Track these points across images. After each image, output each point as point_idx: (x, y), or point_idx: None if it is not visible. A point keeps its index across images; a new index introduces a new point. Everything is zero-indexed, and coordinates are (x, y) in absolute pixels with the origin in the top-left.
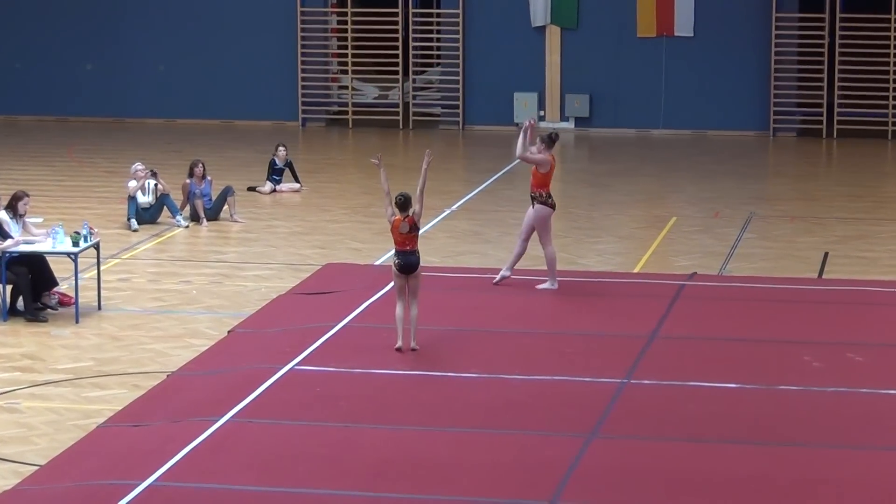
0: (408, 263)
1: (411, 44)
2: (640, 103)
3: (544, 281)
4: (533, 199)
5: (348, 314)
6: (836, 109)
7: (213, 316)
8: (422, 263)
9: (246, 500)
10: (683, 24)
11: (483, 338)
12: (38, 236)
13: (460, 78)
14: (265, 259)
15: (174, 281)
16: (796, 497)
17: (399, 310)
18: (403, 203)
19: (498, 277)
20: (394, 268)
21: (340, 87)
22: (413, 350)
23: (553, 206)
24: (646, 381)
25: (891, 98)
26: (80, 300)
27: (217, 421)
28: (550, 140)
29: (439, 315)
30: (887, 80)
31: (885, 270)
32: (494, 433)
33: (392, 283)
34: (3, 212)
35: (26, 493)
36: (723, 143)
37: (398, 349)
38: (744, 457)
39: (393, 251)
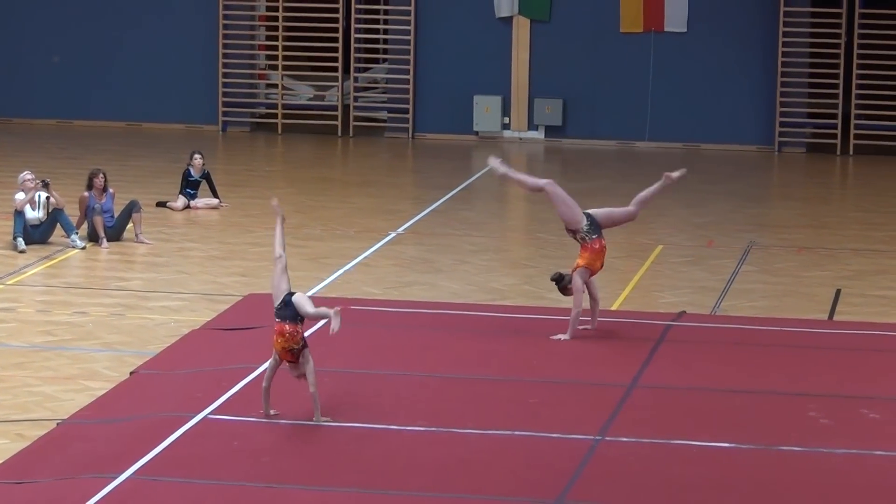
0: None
1: (353, 35)
2: (623, 111)
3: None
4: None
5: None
6: (853, 122)
7: (113, 354)
8: (361, 296)
9: None
10: (675, 18)
11: (432, 384)
12: None
13: (410, 77)
14: (176, 287)
15: (67, 312)
16: None
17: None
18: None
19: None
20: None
21: (269, 86)
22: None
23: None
24: (623, 439)
25: None
26: None
27: (116, 478)
28: None
29: (380, 357)
30: None
31: None
32: (444, 497)
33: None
34: None
35: None
36: (719, 158)
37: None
38: None
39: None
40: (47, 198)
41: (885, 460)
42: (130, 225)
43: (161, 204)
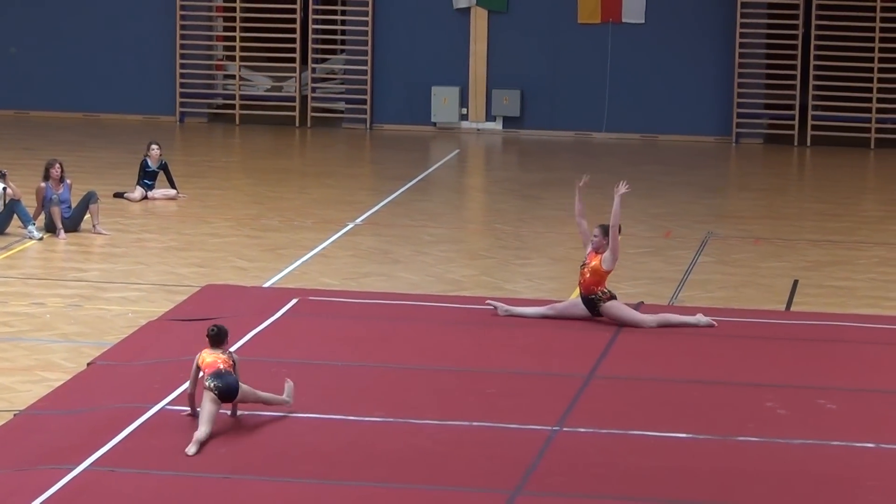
0: (227, 386)
1: (311, 26)
2: (580, 102)
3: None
4: (595, 300)
5: (231, 345)
6: (811, 112)
7: (71, 345)
8: (319, 287)
9: None
10: (633, 9)
11: (390, 375)
12: None
13: (368, 68)
14: (133, 278)
15: (25, 303)
16: None
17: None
18: (217, 336)
19: None
20: (211, 392)
21: (226, 77)
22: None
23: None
24: (581, 429)
25: (874, 100)
26: None
27: (73, 469)
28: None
29: (338, 348)
30: (870, 80)
31: (864, 303)
32: (402, 488)
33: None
34: None
35: None
36: (677, 150)
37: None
38: None
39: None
40: (4, 189)
41: (841, 450)
42: (88, 216)
43: (118, 195)
